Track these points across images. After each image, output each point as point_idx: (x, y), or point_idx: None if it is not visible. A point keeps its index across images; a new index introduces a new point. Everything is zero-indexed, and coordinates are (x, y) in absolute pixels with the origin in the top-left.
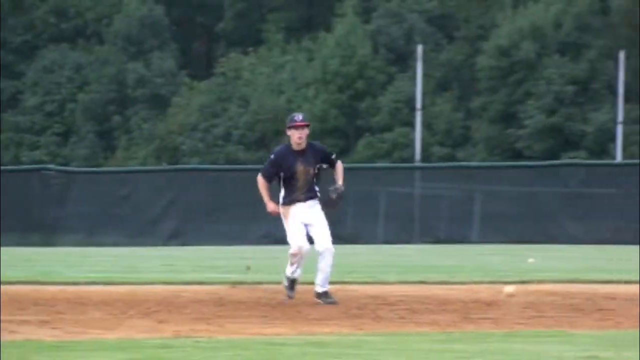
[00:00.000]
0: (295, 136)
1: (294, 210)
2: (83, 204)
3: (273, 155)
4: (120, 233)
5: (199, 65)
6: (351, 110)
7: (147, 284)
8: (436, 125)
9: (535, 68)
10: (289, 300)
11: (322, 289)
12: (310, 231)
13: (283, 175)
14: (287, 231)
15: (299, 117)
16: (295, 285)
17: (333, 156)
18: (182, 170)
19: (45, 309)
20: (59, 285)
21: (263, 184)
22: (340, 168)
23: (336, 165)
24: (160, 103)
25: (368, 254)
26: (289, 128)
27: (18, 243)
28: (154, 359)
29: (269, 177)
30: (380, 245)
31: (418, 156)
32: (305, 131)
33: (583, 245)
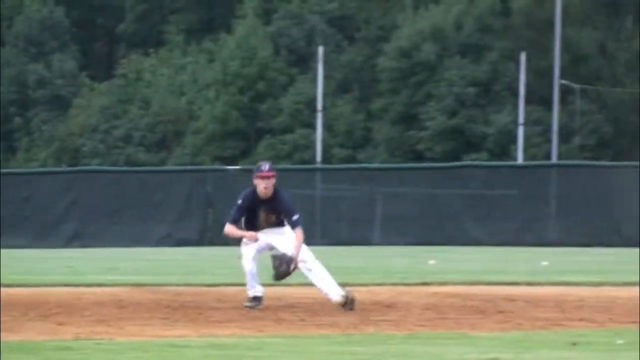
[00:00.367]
0: (261, 186)
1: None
2: None
3: (240, 200)
4: (21, 235)
5: (99, 67)
6: (252, 111)
7: (48, 286)
8: (337, 126)
9: (436, 70)
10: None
11: (336, 299)
12: (280, 249)
13: (245, 217)
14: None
15: (265, 167)
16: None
17: (294, 218)
18: (83, 171)
19: None
20: None
21: (232, 229)
22: (298, 236)
23: (294, 231)
24: (61, 104)
25: (268, 257)
26: (255, 177)
27: None
28: None
29: (236, 222)
30: None
31: (319, 158)
32: (272, 181)
33: (484, 246)
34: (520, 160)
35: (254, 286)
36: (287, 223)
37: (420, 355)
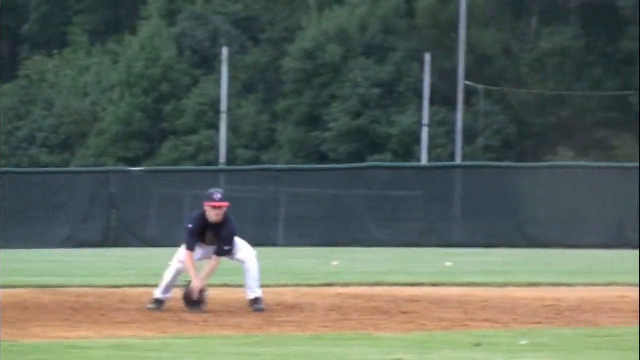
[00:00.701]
0: (213, 213)
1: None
2: None
3: (191, 225)
4: None
5: (2, 68)
6: (156, 112)
7: None
8: (241, 128)
9: (341, 71)
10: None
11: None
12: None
13: None
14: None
15: (217, 197)
16: (161, 305)
17: (225, 248)
18: None
19: None
20: None
21: (189, 257)
22: (212, 266)
23: (215, 259)
24: None
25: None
26: (207, 205)
27: None
28: None
29: (193, 247)
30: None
31: (223, 159)
32: (224, 210)
33: (388, 247)
34: (424, 161)
35: (165, 293)
36: (218, 247)
37: (324, 356)
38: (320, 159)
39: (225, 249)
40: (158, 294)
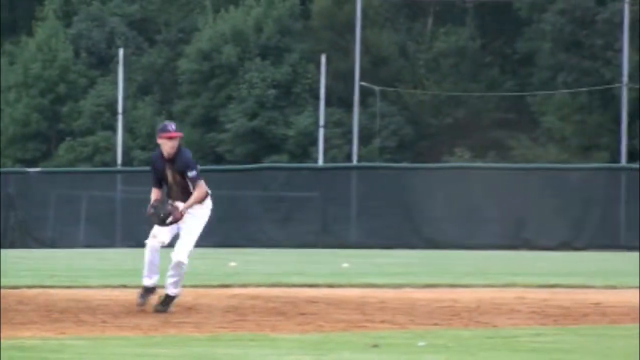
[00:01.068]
0: (167, 145)
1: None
2: None
3: (151, 165)
4: None
5: None
6: (53, 114)
7: None
8: (138, 129)
9: (237, 72)
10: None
11: (166, 292)
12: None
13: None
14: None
15: (171, 127)
16: (148, 294)
17: (190, 174)
18: None
19: None
20: None
21: (153, 191)
22: (195, 192)
23: (194, 187)
24: None
25: (69, 258)
26: (161, 137)
27: None
28: None
29: (155, 183)
30: (81, 249)
31: (119, 160)
32: (177, 141)
33: (285, 248)
34: (320, 162)
35: (149, 275)
36: (188, 180)
37: (222, 357)
38: (217, 160)
39: (191, 175)
40: (143, 280)
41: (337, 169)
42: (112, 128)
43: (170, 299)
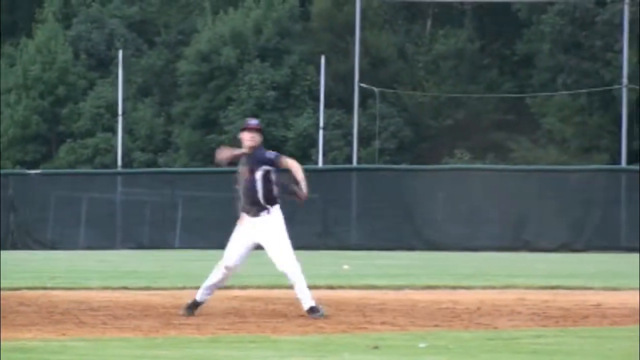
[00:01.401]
0: (247, 138)
1: (242, 227)
2: None
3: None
4: None
5: None
6: (52, 116)
7: None
8: (137, 130)
9: (236, 74)
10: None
11: (307, 306)
12: (267, 252)
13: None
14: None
15: (252, 122)
16: (195, 307)
17: (271, 156)
18: None
19: None
20: None
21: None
22: (292, 164)
23: (285, 163)
24: None
25: (70, 260)
26: (241, 132)
27: None
28: None
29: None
30: (82, 251)
31: (120, 162)
32: (257, 134)
33: None
34: (320, 164)
35: (204, 294)
36: (272, 164)
37: (222, 359)
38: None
39: (272, 157)
40: (198, 294)
41: (338, 170)
42: (112, 130)
43: (312, 310)
